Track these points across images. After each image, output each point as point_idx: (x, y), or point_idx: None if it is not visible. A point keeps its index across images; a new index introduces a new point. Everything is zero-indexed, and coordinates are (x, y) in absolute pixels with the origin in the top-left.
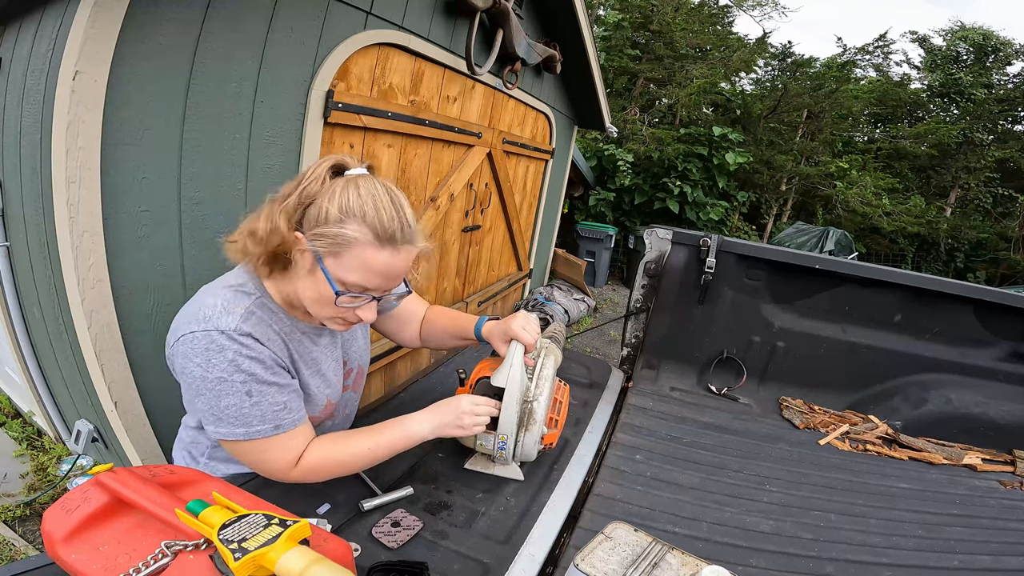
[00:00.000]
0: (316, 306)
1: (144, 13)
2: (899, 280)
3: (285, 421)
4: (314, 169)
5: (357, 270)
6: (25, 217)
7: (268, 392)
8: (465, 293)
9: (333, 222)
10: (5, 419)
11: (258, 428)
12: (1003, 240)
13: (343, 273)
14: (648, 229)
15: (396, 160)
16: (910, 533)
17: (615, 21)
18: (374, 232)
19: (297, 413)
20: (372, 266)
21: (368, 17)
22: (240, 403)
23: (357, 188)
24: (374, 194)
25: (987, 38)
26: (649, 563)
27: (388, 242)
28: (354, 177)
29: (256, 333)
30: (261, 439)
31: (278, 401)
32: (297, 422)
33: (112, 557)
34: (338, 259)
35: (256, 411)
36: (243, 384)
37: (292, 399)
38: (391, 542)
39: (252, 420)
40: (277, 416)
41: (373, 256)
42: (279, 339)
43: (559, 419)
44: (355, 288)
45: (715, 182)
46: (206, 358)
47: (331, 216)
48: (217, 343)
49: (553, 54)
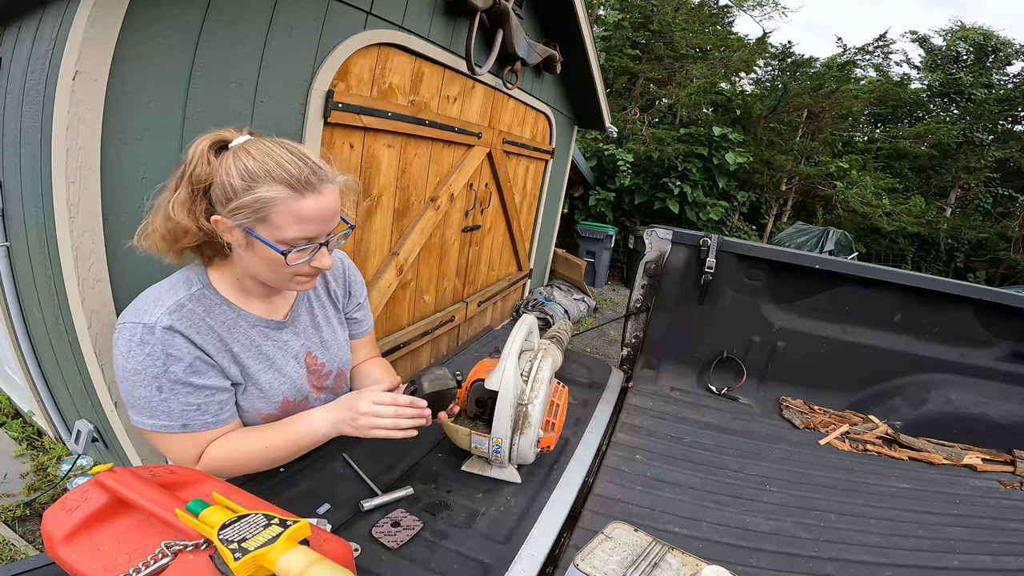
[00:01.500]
0: (271, 273)
1: (144, 13)
2: (899, 280)
3: (195, 422)
4: (193, 152)
5: (291, 225)
6: (25, 217)
7: (180, 391)
8: (465, 293)
9: (243, 191)
10: (5, 419)
11: (164, 423)
12: (1003, 240)
13: (279, 233)
14: (648, 229)
15: (396, 160)
16: (910, 533)
17: (615, 21)
18: (287, 184)
19: (213, 417)
20: (302, 215)
21: (368, 17)
22: (150, 396)
23: (248, 153)
24: (269, 151)
25: (987, 38)
26: (649, 563)
27: (306, 187)
28: (240, 145)
29: (180, 327)
30: (167, 433)
31: (190, 402)
32: (210, 425)
33: (112, 557)
34: (267, 223)
35: (164, 407)
36: (155, 380)
37: (210, 402)
38: (391, 542)
39: (159, 415)
40: (186, 416)
41: (298, 206)
42: (213, 334)
43: (556, 422)
44: (298, 242)
45: (715, 182)
46: (127, 348)
47: (237, 187)
48: (139, 336)
49: (553, 54)
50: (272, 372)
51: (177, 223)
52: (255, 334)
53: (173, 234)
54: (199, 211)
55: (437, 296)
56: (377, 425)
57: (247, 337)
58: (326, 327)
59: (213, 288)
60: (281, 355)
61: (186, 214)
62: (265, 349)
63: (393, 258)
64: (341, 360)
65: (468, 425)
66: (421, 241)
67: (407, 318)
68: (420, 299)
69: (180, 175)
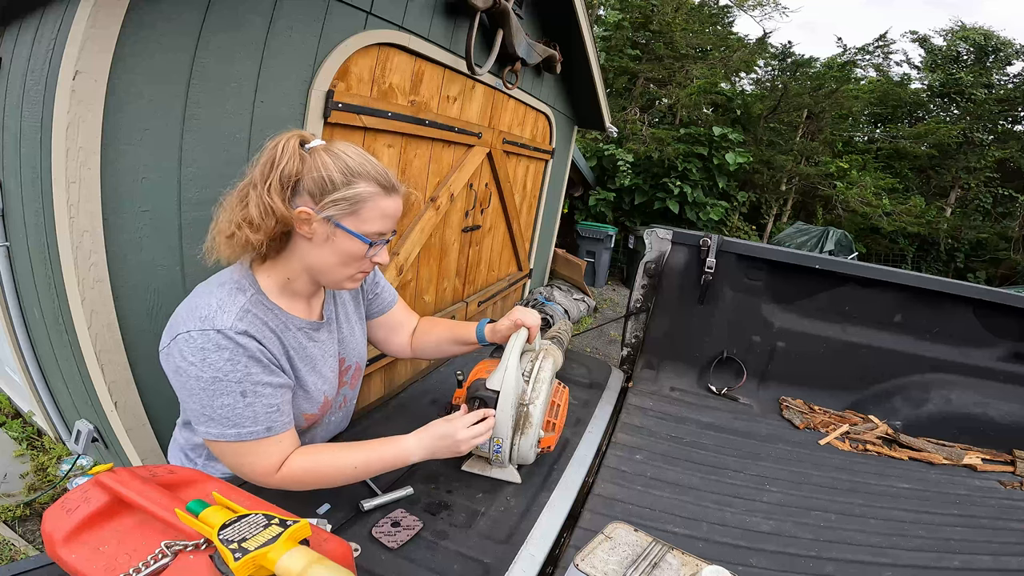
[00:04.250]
0: (340, 268)
1: (144, 13)
2: (899, 280)
3: (277, 424)
4: (283, 147)
5: (377, 220)
6: (25, 217)
7: (263, 393)
8: (465, 293)
9: (343, 186)
10: (5, 419)
11: (250, 429)
12: (1003, 240)
13: (366, 226)
14: (648, 229)
15: (396, 160)
16: (910, 533)
17: (615, 21)
18: (379, 184)
19: (287, 416)
20: (387, 212)
21: (368, 17)
22: (234, 403)
23: (345, 152)
24: (361, 153)
25: (988, 38)
26: (649, 563)
27: (392, 189)
28: (327, 145)
29: (252, 331)
30: (251, 441)
31: (272, 403)
32: (287, 425)
33: (112, 557)
34: (357, 216)
35: (249, 412)
36: (238, 384)
37: (284, 401)
38: (391, 542)
39: (244, 421)
40: (270, 418)
41: (386, 204)
42: (275, 336)
43: (557, 422)
44: (376, 236)
45: (715, 182)
46: (202, 357)
47: (338, 181)
48: (214, 342)
49: (553, 54)
50: (315, 374)
51: (272, 209)
52: (301, 336)
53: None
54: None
55: (437, 296)
56: (476, 443)
57: (296, 340)
58: (346, 324)
59: (263, 293)
60: (321, 355)
61: (281, 202)
62: (310, 351)
63: (393, 258)
64: (359, 355)
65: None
66: (421, 241)
67: None
68: (420, 299)
69: (269, 168)
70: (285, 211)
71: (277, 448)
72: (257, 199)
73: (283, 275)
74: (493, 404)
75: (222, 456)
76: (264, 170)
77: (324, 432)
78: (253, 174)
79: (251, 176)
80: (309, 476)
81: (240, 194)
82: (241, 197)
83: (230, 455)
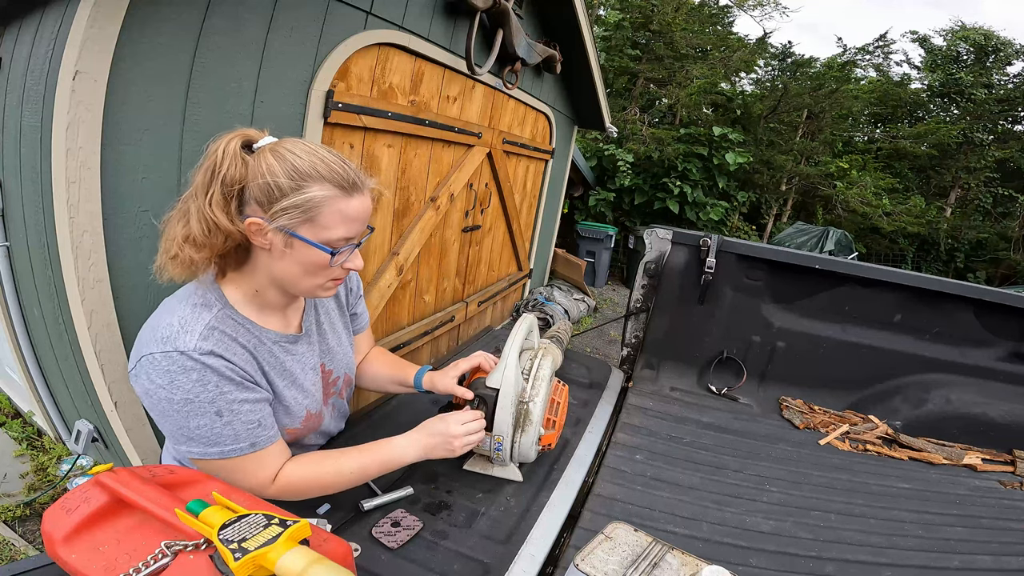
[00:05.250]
0: (306, 279)
1: (144, 13)
2: (899, 280)
3: (261, 439)
4: (223, 150)
5: (338, 225)
6: (25, 217)
7: (240, 411)
8: (465, 293)
9: (291, 191)
10: (5, 419)
11: (232, 447)
12: (1003, 240)
13: (325, 234)
14: (648, 229)
15: (396, 160)
16: (910, 533)
17: (615, 21)
18: (336, 184)
19: (271, 430)
20: (349, 215)
21: (368, 17)
22: (211, 423)
23: (291, 151)
24: (311, 150)
25: (988, 38)
26: (649, 563)
27: (353, 188)
28: (273, 144)
29: (219, 350)
30: (237, 457)
31: (251, 420)
32: (272, 439)
33: (112, 557)
34: (314, 223)
35: (229, 431)
36: (211, 404)
37: (265, 416)
38: (391, 542)
39: (225, 440)
40: (252, 434)
41: (347, 206)
42: (246, 352)
43: (557, 420)
44: (341, 243)
45: (715, 182)
46: (169, 380)
47: (285, 187)
48: (179, 364)
49: (553, 54)
50: (295, 388)
51: (215, 223)
52: (276, 351)
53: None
54: (233, 213)
55: (437, 296)
56: (469, 443)
57: (271, 355)
58: (331, 334)
59: (232, 307)
60: (300, 369)
61: (223, 214)
62: (288, 365)
63: (393, 258)
64: (347, 366)
65: None
66: (421, 241)
67: (407, 318)
68: (420, 299)
69: (209, 176)
70: (230, 225)
71: (267, 462)
72: (198, 213)
73: (250, 287)
74: (493, 402)
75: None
76: (205, 178)
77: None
78: (195, 183)
79: (192, 186)
80: (306, 485)
81: (182, 208)
82: (183, 212)
83: (217, 471)
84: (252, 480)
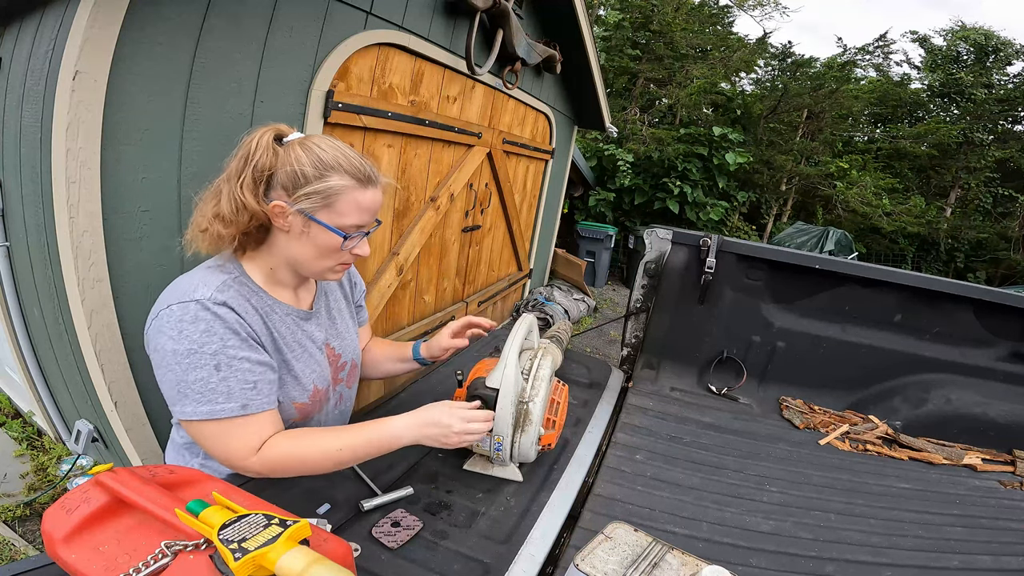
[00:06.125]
0: (318, 261)
1: (144, 13)
2: (899, 280)
3: (253, 403)
4: (257, 141)
5: (352, 212)
6: (25, 217)
7: (239, 368)
8: (465, 293)
9: (315, 179)
10: (5, 419)
11: (223, 406)
12: (1003, 240)
13: (340, 219)
14: (648, 229)
15: (396, 160)
16: (910, 533)
17: (615, 21)
18: (354, 177)
19: (267, 397)
20: (363, 205)
21: (368, 17)
22: (208, 377)
23: (318, 145)
24: (336, 146)
25: (988, 38)
26: (649, 563)
27: (368, 181)
28: (302, 139)
29: (232, 303)
30: (225, 419)
31: (248, 380)
32: (265, 406)
33: (112, 557)
34: (332, 209)
35: (223, 387)
36: (213, 357)
37: (263, 380)
38: (391, 542)
39: (218, 396)
40: (245, 395)
41: (362, 196)
42: (257, 315)
43: (557, 420)
44: (353, 229)
45: (715, 182)
46: (179, 329)
47: (310, 175)
48: (191, 313)
49: (553, 54)
50: (304, 360)
51: (243, 204)
52: (289, 322)
53: (237, 217)
54: (260, 196)
55: (437, 296)
56: (466, 441)
57: (283, 324)
58: (339, 319)
59: (248, 276)
60: (310, 344)
61: (252, 196)
62: (298, 337)
63: (393, 258)
64: (354, 352)
65: None
66: (421, 241)
67: (407, 318)
68: (420, 299)
69: (243, 162)
70: (257, 206)
71: (254, 428)
72: (229, 194)
73: (267, 265)
74: (493, 402)
75: (200, 441)
76: (239, 165)
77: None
78: (229, 169)
79: (226, 171)
80: (291, 460)
81: (215, 189)
82: (215, 192)
83: (206, 438)
84: (237, 445)
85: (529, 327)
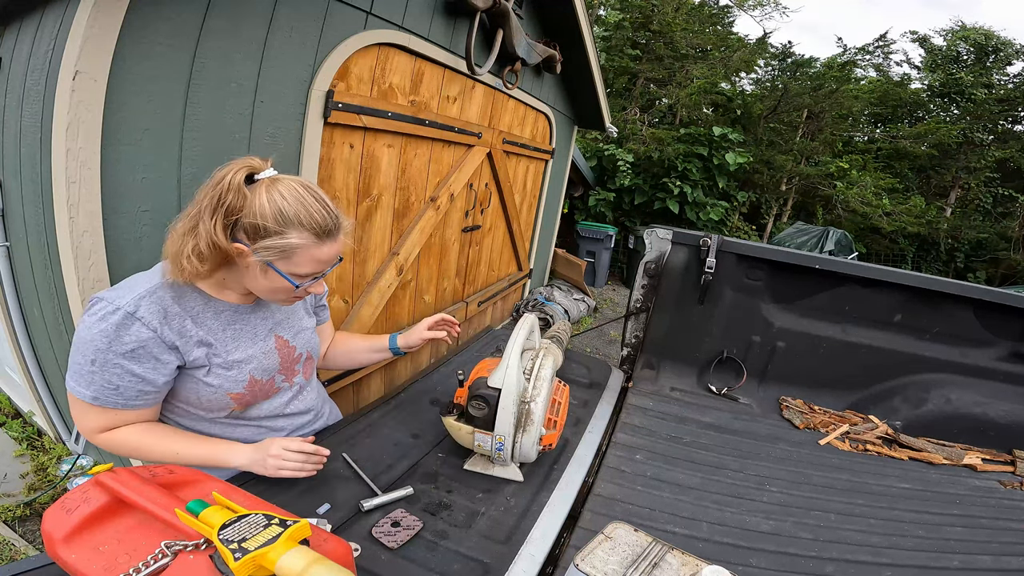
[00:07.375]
0: (272, 294)
1: (144, 13)
2: (899, 280)
3: (107, 399)
4: (228, 181)
5: (308, 264)
6: (25, 217)
7: (110, 371)
8: (465, 293)
9: (275, 234)
10: (5, 419)
11: (82, 391)
12: (1003, 240)
13: (296, 269)
14: (648, 229)
15: (396, 160)
16: (910, 533)
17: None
18: (314, 233)
19: (127, 400)
20: (320, 259)
21: (368, 17)
22: (83, 364)
23: (282, 195)
24: (300, 197)
25: (988, 38)
26: (649, 563)
27: (327, 235)
28: (270, 183)
29: (143, 314)
30: (78, 399)
31: (111, 382)
32: (120, 405)
33: (112, 557)
34: (289, 261)
35: (88, 378)
36: (95, 352)
37: (130, 388)
38: (391, 542)
39: (81, 381)
40: (103, 391)
41: (318, 252)
42: (179, 318)
43: (558, 420)
44: (308, 278)
45: (715, 182)
46: (90, 320)
47: (271, 229)
48: (101, 313)
49: (553, 54)
50: (239, 352)
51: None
52: (223, 317)
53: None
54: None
55: (437, 296)
56: (282, 468)
57: (215, 320)
58: (293, 314)
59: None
60: (249, 335)
61: (224, 238)
62: (233, 331)
63: (393, 258)
64: (310, 346)
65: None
66: (421, 241)
67: (407, 318)
68: (420, 299)
69: (216, 202)
70: (227, 245)
71: (101, 416)
72: (206, 233)
73: (221, 276)
74: (495, 402)
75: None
76: (212, 203)
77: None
78: (202, 204)
79: (199, 205)
80: (129, 449)
81: (191, 222)
82: (192, 226)
83: (71, 405)
84: (84, 422)
85: (531, 327)
